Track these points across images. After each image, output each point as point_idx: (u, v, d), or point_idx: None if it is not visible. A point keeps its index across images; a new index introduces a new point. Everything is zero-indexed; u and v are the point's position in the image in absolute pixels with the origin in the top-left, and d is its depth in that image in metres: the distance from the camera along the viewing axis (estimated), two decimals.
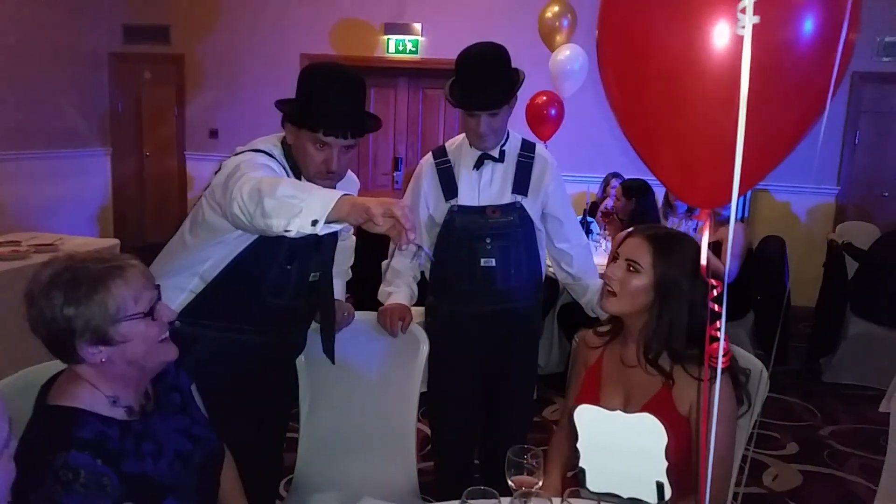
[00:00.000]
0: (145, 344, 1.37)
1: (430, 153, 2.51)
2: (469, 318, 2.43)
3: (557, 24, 5.52)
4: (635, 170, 5.03)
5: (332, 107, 1.87)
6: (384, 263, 2.49)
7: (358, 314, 2.33)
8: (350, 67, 1.97)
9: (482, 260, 2.35)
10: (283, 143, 1.98)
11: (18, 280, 3.58)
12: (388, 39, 6.84)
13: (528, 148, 2.45)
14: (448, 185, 2.42)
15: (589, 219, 5.44)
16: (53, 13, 6.33)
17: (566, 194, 2.54)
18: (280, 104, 1.95)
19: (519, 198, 2.39)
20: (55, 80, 6.40)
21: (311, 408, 2.27)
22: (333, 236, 2.00)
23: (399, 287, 2.44)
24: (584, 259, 2.55)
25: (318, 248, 2.00)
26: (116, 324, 1.32)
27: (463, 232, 2.38)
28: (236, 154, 1.90)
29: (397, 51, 6.86)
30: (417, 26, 6.75)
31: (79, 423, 1.30)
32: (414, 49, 6.78)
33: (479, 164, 2.39)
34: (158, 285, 1.44)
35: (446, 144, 2.51)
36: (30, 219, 5.82)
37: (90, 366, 1.35)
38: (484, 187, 2.40)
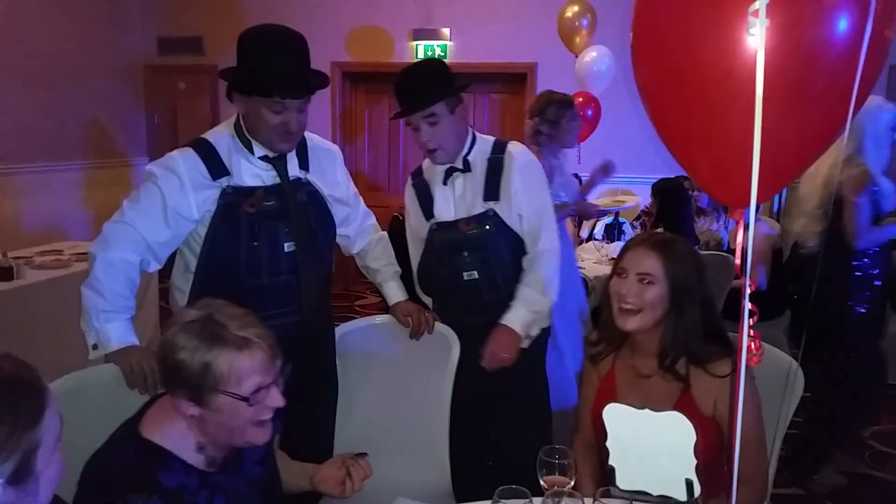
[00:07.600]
0: (235, 422, 1.33)
1: (410, 174, 2.47)
2: (461, 330, 2.32)
3: (577, 23, 5.49)
4: (668, 170, 4.98)
5: (281, 69, 1.87)
6: None
7: (388, 316, 2.35)
8: (288, 27, 1.96)
9: (464, 274, 2.28)
10: (236, 125, 1.97)
11: (62, 288, 3.67)
12: (416, 45, 6.88)
13: (498, 150, 2.32)
14: (425, 203, 2.36)
15: (622, 220, 5.40)
16: (90, 26, 6.48)
17: (535, 191, 2.32)
18: (224, 74, 1.94)
19: (491, 204, 2.27)
20: (92, 92, 6.52)
21: (343, 408, 2.29)
22: (306, 202, 2.01)
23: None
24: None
25: (284, 216, 1.96)
26: (214, 392, 1.30)
27: (442, 248, 2.32)
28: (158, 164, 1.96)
29: (426, 56, 6.89)
30: (446, 31, 6.77)
31: (165, 467, 1.29)
32: (443, 54, 6.80)
33: (447, 178, 2.32)
34: (279, 371, 1.37)
35: (423, 163, 2.44)
36: (69, 229, 5.94)
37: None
38: (458, 201, 2.31)
